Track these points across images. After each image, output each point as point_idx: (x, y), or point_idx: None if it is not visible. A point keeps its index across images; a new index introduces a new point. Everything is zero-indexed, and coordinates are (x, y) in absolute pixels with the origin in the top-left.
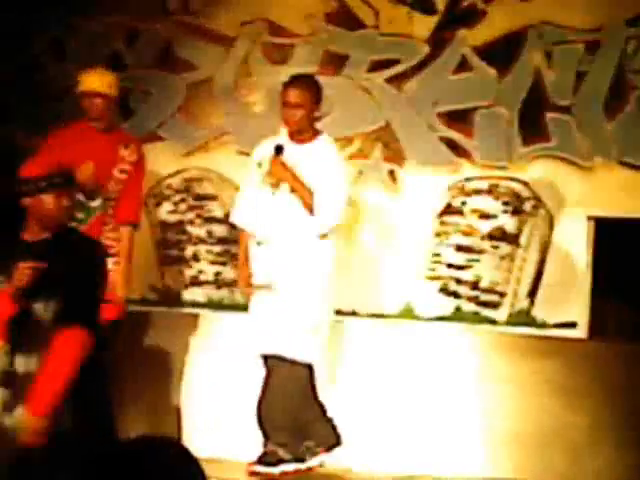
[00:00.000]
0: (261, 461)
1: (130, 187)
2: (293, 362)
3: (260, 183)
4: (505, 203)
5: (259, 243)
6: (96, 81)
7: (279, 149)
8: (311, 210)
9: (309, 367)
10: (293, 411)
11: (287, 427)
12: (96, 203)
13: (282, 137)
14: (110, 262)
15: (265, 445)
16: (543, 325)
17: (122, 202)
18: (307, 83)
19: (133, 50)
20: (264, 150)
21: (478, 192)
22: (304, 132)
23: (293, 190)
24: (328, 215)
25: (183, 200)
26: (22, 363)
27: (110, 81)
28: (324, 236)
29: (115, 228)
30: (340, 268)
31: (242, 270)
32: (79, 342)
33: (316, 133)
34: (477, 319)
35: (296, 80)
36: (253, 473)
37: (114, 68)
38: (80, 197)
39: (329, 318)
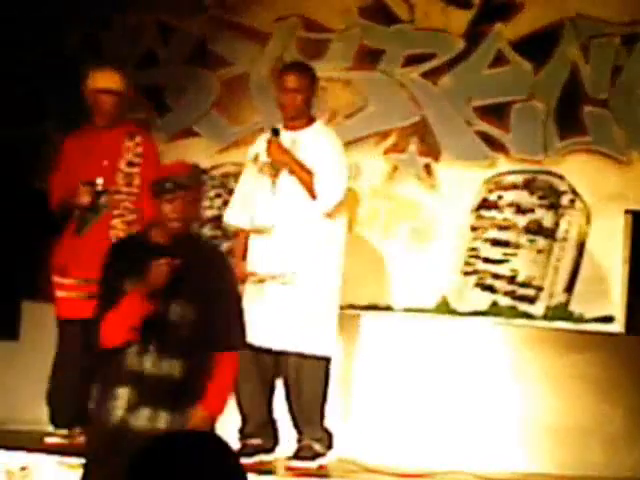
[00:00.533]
0: (298, 456)
1: (145, 176)
2: (313, 356)
3: (258, 174)
4: (541, 197)
5: (259, 232)
6: (110, 79)
7: (276, 132)
8: (312, 191)
9: (328, 359)
10: (322, 404)
11: (319, 421)
12: (103, 200)
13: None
14: None
15: (300, 440)
16: (580, 319)
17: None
18: (305, 69)
19: (168, 46)
20: (257, 146)
21: (514, 186)
22: (300, 118)
23: (292, 171)
24: (329, 194)
25: (219, 195)
26: (151, 364)
27: (120, 79)
28: (330, 217)
29: (127, 221)
30: (376, 263)
31: (239, 267)
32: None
33: (311, 120)
34: (514, 313)
35: (294, 66)
36: (290, 468)
37: (149, 64)
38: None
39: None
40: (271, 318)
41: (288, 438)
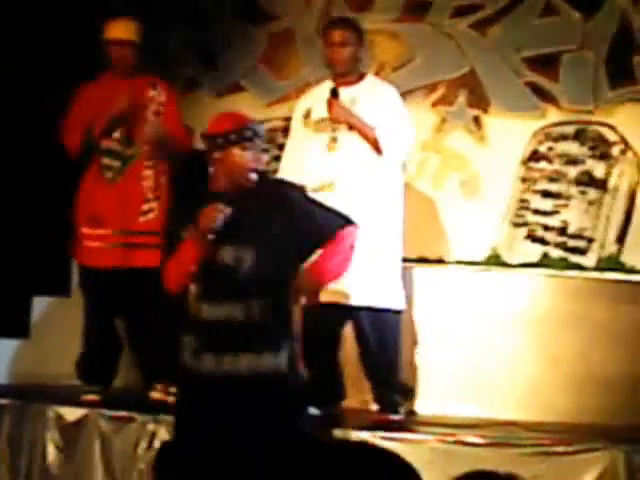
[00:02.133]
0: (383, 409)
1: (170, 123)
2: (387, 310)
3: (311, 131)
4: (592, 148)
5: (314, 190)
6: (124, 29)
7: (335, 92)
8: (375, 145)
9: (400, 312)
10: (398, 357)
11: (398, 373)
12: (131, 151)
13: (327, 84)
14: (157, 205)
15: (380, 394)
16: (632, 270)
17: (171, 140)
18: (351, 23)
19: (215, 1)
20: (306, 103)
21: (564, 137)
22: (351, 73)
23: (354, 129)
24: (396, 149)
25: (267, 151)
26: (209, 311)
27: (136, 29)
28: (393, 175)
29: (158, 171)
30: (426, 216)
31: None
32: (354, 235)
33: (362, 75)
34: (565, 265)
35: (340, 21)
36: (379, 421)
37: (196, 20)
38: (114, 146)
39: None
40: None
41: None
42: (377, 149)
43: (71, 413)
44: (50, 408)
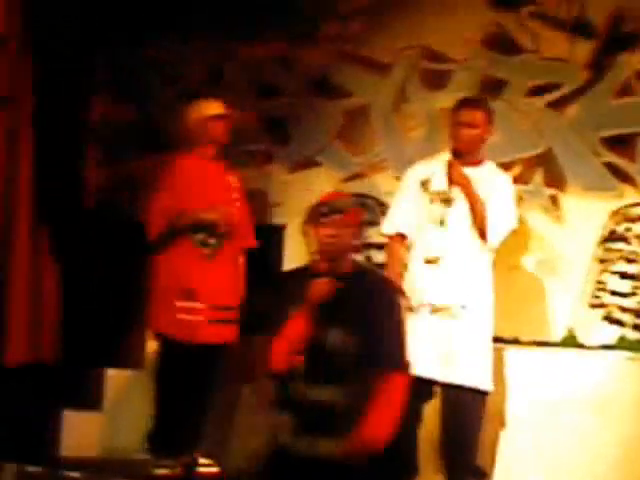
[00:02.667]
0: None
1: (245, 213)
2: (474, 390)
3: (426, 200)
4: None
5: (428, 262)
6: (220, 105)
7: (458, 155)
8: (482, 222)
9: (486, 394)
10: (478, 439)
11: (475, 455)
12: (222, 229)
13: (444, 157)
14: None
15: (453, 475)
16: None
17: (242, 229)
18: (482, 104)
19: (290, 76)
20: (425, 170)
21: None
22: (473, 154)
23: (467, 195)
24: (497, 230)
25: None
26: (312, 392)
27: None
28: (489, 252)
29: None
30: (503, 295)
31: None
32: (406, 388)
33: (482, 159)
34: None
35: (471, 100)
36: None
37: (270, 95)
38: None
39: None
40: (436, 349)
41: None
42: (481, 224)
43: None
44: None
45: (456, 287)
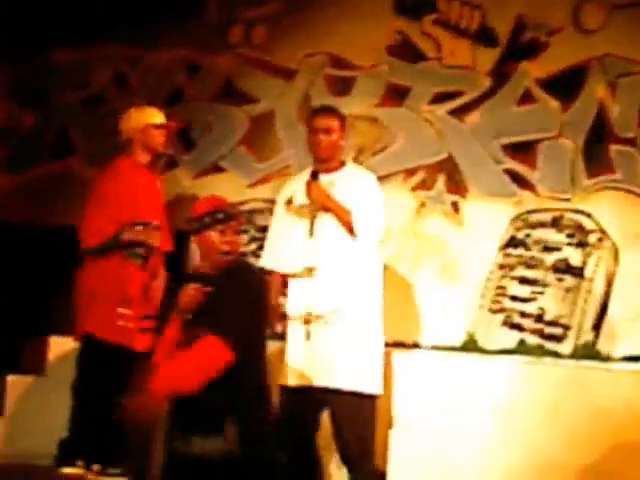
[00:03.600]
0: None
1: (166, 218)
2: (362, 395)
3: (293, 217)
4: (569, 235)
5: (294, 276)
6: (161, 114)
7: (315, 174)
8: (351, 230)
9: (375, 397)
10: (372, 441)
11: (370, 457)
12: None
13: (307, 173)
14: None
15: (353, 477)
16: (608, 358)
17: (165, 232)
18: (335, 111)
19: (195, 83)
20: (289, 189)
21: (542, 224)
22: (332, 160)
23: (332, 212)
24: (370, 231)
25: (246, 232)
26: None
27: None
28: (370, 257)
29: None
30: (403, 300)
31: (275, 312)
32: (221, 355)
33: (342, 163)
34: (541, 352)
35: (325, 108)
36: None
37: (175, 100)
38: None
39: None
40: (318, 357)
41: None
42: (351, 231)
43: None
44: None
45: (330, 294)
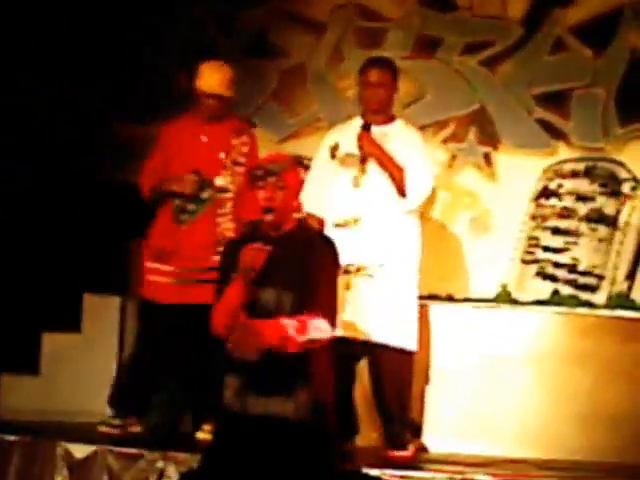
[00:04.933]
0: (394, 445)
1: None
2: (400, 349)
3: (337, 165)
4: (602, 185)
5: (339, 225)
6: (217, 82)
7: (367, 126)
8: (400, 186)
9: (413, 352)
10: (410, 394)
11: (408, 410)
12: (206, 194)
13: (357, 121)
14: None
15: (390, 430)
16: None
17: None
18: (388, 64)
19: (227, 37)
20: (335, 136)
21: (575, 174)
22: (383, 114)
23: (382, 165)
24: (419, 190)
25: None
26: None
27: (229, 81)
28: (411, 214)
29: (233, 219)
30: (436, 253)
31: None
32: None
33: (393, 117)
34: (575, 302)
35: (377, 61)
36: (391, 457)
37: (208, 56)
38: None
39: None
40: (357, 309)
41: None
42: (400, 190)
43: (80, 450)
44: (59, 445)
45: (373, 247)
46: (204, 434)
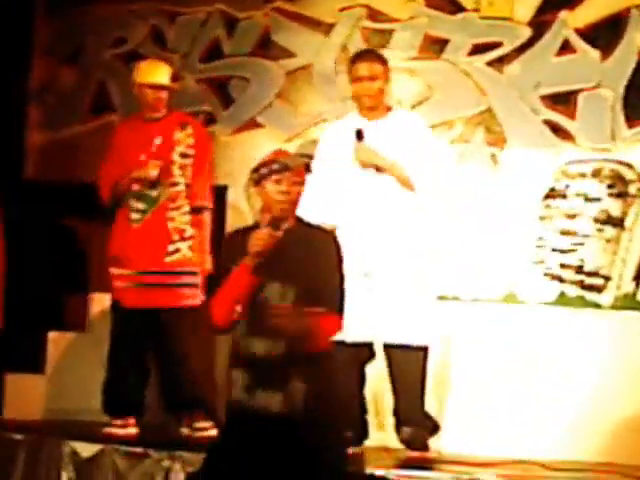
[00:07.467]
0: (409, 446)
1: (196, 171)
2: (414, 347)
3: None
4: (610, 186)
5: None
6: (160, 73)
7: (359, 134)
8: (407, 184)
9: (427, 349)
10: (424, 393)
11: (424, 409)
12: (155, 192)
13: (353, 118)
14: (185, 246)
15: (406, 430)
16: None
17: (192, 187)
18: (377, 55)
19: (232, 38)
20: (335, 133)
21: (582, 175)
22: (378, 107)
23: (384, 171)
24: (428, 183)
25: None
26: (255, 345)
27: (171, 73)
28: (421, 213)
29: (189, 212)
30: (442, 253)
31: None
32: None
33: (389, 107)
34: (581, 303)
35: (366, 53)
36: (405, 459)
37: (213, 57)
38: (139, 189)
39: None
40: (369, 311)
41: None
42: (409, 186)
43: (86, 449)
44: (65, 444)
45: (385, 245)
46: (191, 431)
